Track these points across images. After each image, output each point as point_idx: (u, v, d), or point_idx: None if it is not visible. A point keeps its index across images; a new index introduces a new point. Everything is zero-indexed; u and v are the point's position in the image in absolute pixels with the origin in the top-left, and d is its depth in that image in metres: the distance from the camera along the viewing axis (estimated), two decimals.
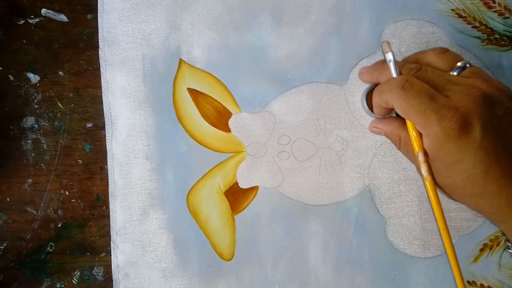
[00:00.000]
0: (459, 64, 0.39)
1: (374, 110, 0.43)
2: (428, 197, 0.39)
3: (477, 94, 0.36)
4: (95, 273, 0.50)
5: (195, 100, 0.50)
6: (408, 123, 0.39)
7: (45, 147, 0.51)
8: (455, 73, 0.39)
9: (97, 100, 0.51)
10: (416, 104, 0.36)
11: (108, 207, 0.50)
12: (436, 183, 0.39)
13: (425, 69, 0.39)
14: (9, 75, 0.51)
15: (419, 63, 0.40)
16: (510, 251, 0.46)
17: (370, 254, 0.49)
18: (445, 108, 0.35)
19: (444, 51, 0.41)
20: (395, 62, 0.40)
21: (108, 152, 0.50)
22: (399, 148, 0.43)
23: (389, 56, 0.40)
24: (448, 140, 0.35)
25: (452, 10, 0.50)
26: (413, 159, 0.41)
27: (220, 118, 0.50)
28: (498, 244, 0.48)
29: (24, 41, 0.51)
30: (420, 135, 0.38)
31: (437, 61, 0.40)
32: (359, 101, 0.49)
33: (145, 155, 0.50)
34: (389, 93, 0.38)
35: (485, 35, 0.50)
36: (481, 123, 0.35)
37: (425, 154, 0.38)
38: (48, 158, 0.51)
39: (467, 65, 0.39)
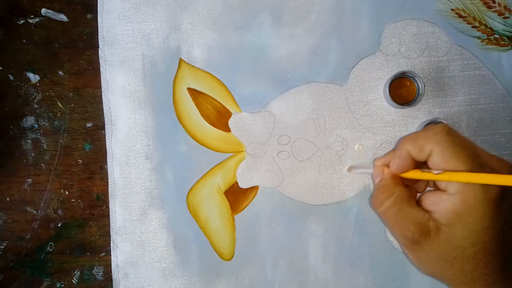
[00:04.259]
0: None
1: (394, 163, 0.37)
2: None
3: None
4: (95, 273, 0.50)
5: (195, 99, 0.50)
6: (436, 176, 0.34)
7: (45, 147, 0.51)
8: None
9: (97, 100, 0.51)
10: (463, 154, 0.33)
11: (108, 207, 0.50)
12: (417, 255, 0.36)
13: None
14: (9, 75, 0.51)
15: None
16: None
17: (370, 254, 0.49)
18: (489, 168, 0.33)
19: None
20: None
21: (108, 152, 0.50)
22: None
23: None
24: (485, 204, 0.32)
25: (452, 10, 0.50)
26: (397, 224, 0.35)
27: (220, 118, 0.50)
28: None
29: (24, 41, 0.51)
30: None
31: None
32: (382, 91, 0.49)
33: (145, 155, 0.50)
34: (430, 137, 0.34)
35: (485, 35, 0.50)
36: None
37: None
38: (48, 158, 0.51)
39: None
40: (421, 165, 0.35)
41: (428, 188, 0.37)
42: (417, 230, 0.34)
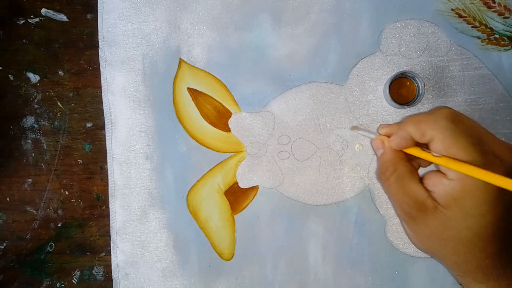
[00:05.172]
0: None
1: (394, 140, 0.37)
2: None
3: None
4: (95, 273, 0.50)
5: (195, 99, 0.50)
6: (442, 160, 0.34)
7: (45, 147, 0.51)
8: None
9: (97, 100, 0.51)
10: (465, 142, 0.32)
11: (108, 207, 0.50)
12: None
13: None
14: (9, 75, 0.51)
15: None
16: None
17: (370, 254, 0.49)
18: (492, 155, 0.33)
19: None
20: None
21: (108, 152, 0.50)
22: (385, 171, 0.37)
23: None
24: (484, 191, 0.32)
25: (452, 10, 0.50)
26: (398, 194, 0.36)
27: (220, 118, 0.50)
28: None
29: (24, 41, 0.51)
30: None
31: None
32: (382, 91, 0.49)
33: (145, 155, 0.50)
34: (432, 124, 0.34)
35: (485, 35, 0.50)
36: None
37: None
38: (48, 158, 0.51)
39: None
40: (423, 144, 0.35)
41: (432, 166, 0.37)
42: (415, 205, 0.35)
